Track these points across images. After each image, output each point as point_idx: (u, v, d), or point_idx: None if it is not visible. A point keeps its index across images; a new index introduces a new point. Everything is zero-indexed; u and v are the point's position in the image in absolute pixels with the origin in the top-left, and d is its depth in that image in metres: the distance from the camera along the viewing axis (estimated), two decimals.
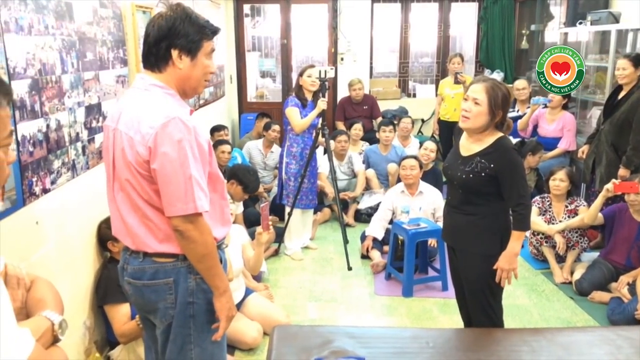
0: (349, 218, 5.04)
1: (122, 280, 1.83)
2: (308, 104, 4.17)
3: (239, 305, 3.09)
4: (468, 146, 2.39)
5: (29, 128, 2.11)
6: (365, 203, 5.12)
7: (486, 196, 2.34)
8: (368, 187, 5.33)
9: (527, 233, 4.29)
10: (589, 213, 3.73)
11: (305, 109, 4.15)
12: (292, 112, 4.12)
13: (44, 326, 1.07)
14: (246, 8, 7.10)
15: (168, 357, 1.80)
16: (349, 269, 4.04)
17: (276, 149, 5.55)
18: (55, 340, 1.08)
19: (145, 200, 1.67)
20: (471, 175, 2.32)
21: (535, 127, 5.39)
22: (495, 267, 2.32)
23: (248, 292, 3.22)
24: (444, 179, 5.44)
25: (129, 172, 1.65)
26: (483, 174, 2.29)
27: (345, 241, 4.15)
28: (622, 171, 3.90)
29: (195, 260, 1.67)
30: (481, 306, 2.46)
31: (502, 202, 2.34)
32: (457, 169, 2.39)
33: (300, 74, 4.19)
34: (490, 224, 2.37)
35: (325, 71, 3.97)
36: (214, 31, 1.73)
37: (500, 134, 2.34)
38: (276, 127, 5.45)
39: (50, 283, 1.22)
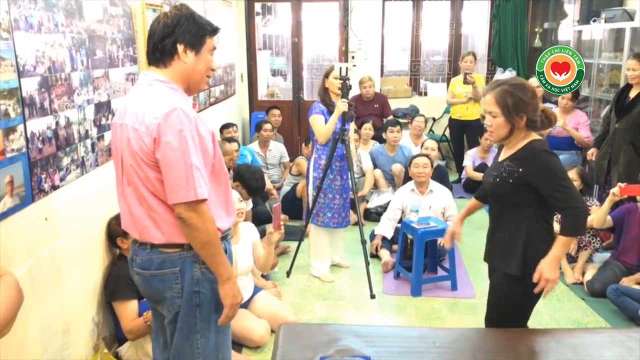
0: None
1: (131, 271, 1.90)
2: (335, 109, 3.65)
3: (247, 303, 3.10)
4: (504, 152, 2.24)
5: (38, 125, 2.13)
6: (374, 202, 5.10)
7: (513, 207, 2.15)
8: (376, 187, 5.31)
9: None
10: (597, 217, 3.65)
11: (331, 115, 3.62)
12: (316, 121, 3.66)
13: None
14: (257, 6, 7.11)
15: (175, 345, 1.86)
16: (372, 297, 3.52)
17: (274, 145, 5.60)
18: None
19: (151, 191, 1.73)
20: (498, 180, 2.15)
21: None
22: (536, 275, 2.06)
23: (256, 290, 3.22)
24: (450, 178, 5.44)
25: (134, 161, 1.72)
26: (511, 180, 2.10)
27: (367, 263, 3.58)
28: None
29: (198, 248, 1.73)
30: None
31: (531, 215, 2.13)
32: (490, 175, 2.25)
33: (326, 75, 3.71)
34: (511, 239, 2.16)
35: (347, 68, 3.55)
36: (214, 29, 1.84)
37: (533, 137, 2.15)
38: (267, 126, 5.50)
39: (13, 284, 1.26)
